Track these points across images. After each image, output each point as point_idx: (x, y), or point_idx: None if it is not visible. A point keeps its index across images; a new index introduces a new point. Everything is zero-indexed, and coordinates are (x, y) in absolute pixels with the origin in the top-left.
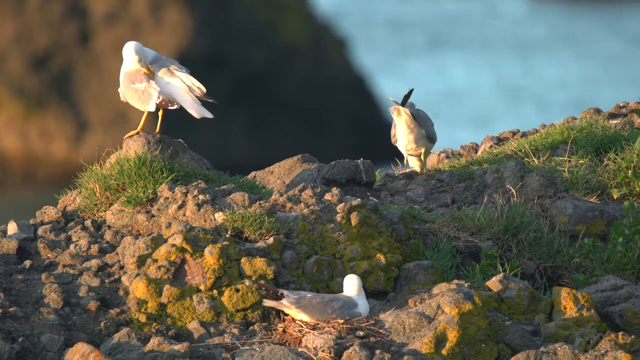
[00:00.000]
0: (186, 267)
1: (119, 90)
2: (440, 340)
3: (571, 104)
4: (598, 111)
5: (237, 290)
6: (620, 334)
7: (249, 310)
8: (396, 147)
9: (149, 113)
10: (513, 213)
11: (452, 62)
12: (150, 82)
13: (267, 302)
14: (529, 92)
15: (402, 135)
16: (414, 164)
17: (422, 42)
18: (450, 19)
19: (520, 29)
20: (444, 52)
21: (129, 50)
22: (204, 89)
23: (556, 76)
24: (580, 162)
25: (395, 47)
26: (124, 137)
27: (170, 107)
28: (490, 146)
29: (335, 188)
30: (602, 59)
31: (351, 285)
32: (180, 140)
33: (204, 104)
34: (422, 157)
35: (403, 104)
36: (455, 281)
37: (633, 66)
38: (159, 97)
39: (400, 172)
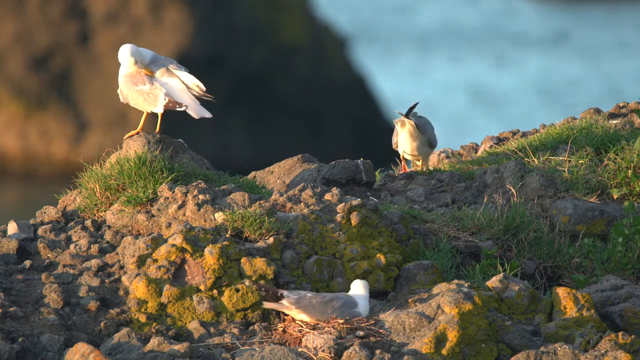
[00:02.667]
0: (186, 267)
1: (119, 92)
2: (440, 340)
3: None
4: (598, 111)
5: (237, 290)
6: (620, 334)
7: (249, 310)
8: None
9: (149, 113)
10: (513, 213)
11: None
12: (154, 84)
13: (267, 304)
14: None
15: (406, 144)
16: (414, 163)
17: None
18: None
19: None
20: None
21: (124, 53)
22: (203, 87)
23: None
24: (580, 162)
25: None
26: (124, 137)
27: (178, 109)
28: (490, 146)
29: (335, 188)
30: None
31: (357, 290)
32: (180, 140)
33: (203, 103)
34: (421, 161)
35: (407, 115)
36: (455, 281)
37: None
38: (165, 98)
39: (400, 172)
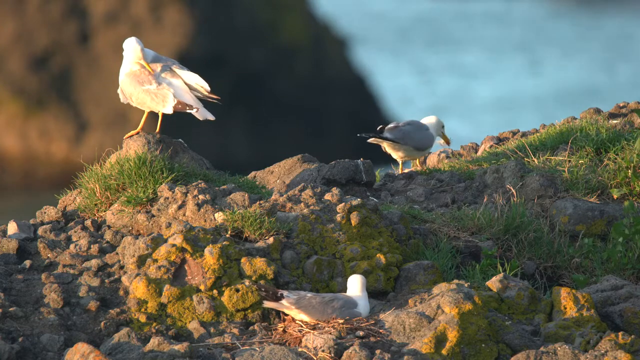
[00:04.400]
0: (186, 267)
1: (119, 91)
2: (440, 340)
3: None
4: (598, 111)
5: (237, 290)
6: (620, 334)
7: (249, 310)
8: None
9: (150, 113)
10: (513, 213)
11: None
12: (162, 84)
13: (267, 304)
14: None
15: (392, 154)
16: (413, 163)
17: None
18: None
19: None
20: None
21: (131, 42)
22: (208, 88)
23: None
24: (580, 162)
25: None
26: (124, 137)
27: (189, 110)
28: (490, 146)
29: (335, 188)
30: None
31: (354, 285)
32: (180, 140)
33: (206, 104)
34: (417, 161)
35: (379, 135)
36: (455, 281)
37: None
38: (174, 100)
39: (400, 172)
